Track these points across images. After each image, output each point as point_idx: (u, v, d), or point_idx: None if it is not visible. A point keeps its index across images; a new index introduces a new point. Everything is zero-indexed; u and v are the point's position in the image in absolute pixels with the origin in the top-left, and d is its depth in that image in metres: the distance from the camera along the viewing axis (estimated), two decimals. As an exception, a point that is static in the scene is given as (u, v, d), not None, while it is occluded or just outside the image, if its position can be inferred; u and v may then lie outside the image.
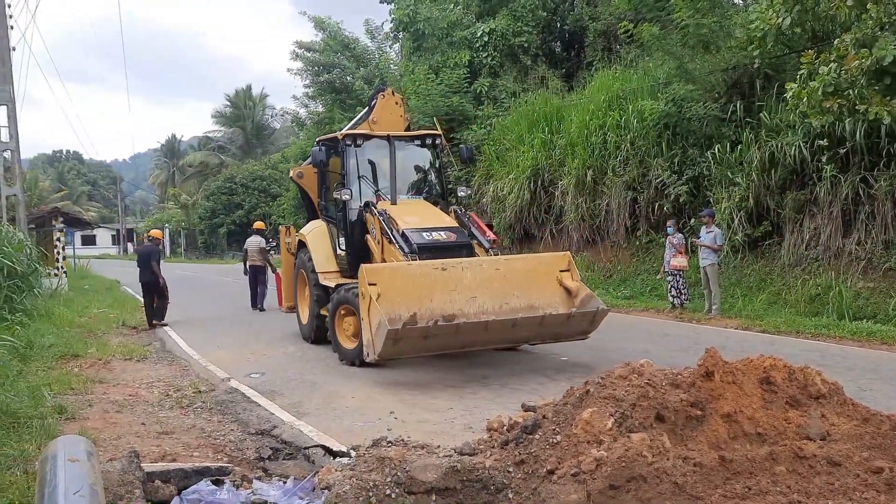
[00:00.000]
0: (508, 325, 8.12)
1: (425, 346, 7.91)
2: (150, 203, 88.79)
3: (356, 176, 10.28)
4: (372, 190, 10.28)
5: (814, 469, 3.83)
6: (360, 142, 10.29)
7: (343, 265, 10.40)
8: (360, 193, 10.19)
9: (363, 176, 10.33)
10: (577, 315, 8.43)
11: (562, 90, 21.05)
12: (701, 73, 14.77)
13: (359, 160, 10.34)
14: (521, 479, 4.24)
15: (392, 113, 11.05)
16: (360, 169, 10.33)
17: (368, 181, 10.37)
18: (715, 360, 4.49)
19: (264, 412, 6.91)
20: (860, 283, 11.76)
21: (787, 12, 11.04)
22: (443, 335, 7.85)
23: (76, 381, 8.14)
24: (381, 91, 11.42)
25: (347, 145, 10.26)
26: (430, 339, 7.80)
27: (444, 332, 7.82)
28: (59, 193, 65.24)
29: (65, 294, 17.97)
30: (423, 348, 8.00)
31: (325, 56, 29.69)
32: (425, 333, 7.71)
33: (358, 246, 9.94)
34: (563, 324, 8.47)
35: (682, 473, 3.82)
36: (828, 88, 10.05)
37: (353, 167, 10.29)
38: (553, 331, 8.56)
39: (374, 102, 11.19)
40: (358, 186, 10.23)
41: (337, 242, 10.58)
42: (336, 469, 4.48)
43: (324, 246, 10.83)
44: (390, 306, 7.82)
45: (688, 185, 14.98)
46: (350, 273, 9.89)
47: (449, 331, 7.85)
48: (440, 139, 10.96)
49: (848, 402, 4.49)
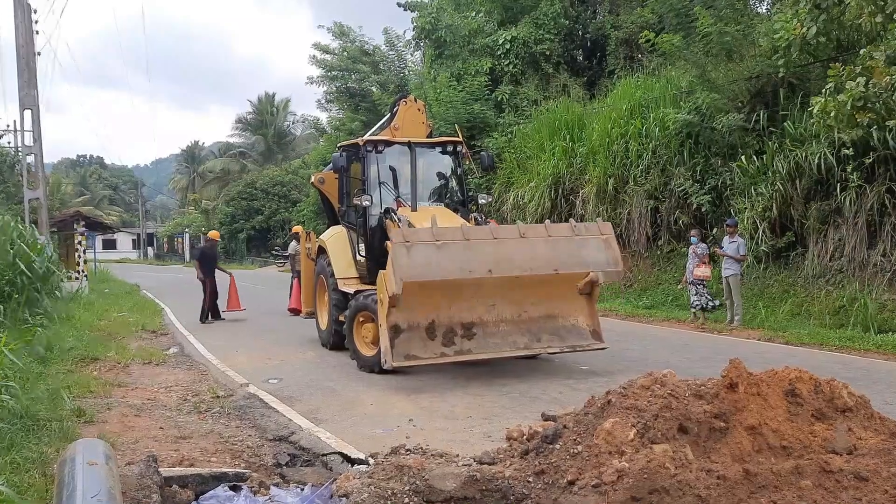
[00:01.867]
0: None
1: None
2: (170, 208, 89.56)
3: (377, 182, 10.23)
4: (392, 196, 10.24)
5: (840, 484, 3.74)
6: (381, 148, 10.27)
7: (363, 271, 10.31)
8: (381, 199, 10.15)
9: (384, 182, 10.28)
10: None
11: (583, 98, 21.00)
12: (724, 81, 14.65)
13: (379, 166, 10.29)
14: (541, 489, 4.18)
15: (414, 119, 11.02)
16: (381, 175, 10.28)
17: (389, 187, 10.32)
18: (739, 371, 4.41)
19: (282, 418, 6.90)
20: (885, 295, 11.56)
21: (813, 21, 10.94)
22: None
23: (95, 384, 8.17)
24: (404, 98, 11.40)
25: (368, 151, 10.24)
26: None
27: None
28: (81, 198, 66.03)
29: (85, 297, 18.11)
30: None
31: (342, 61, 29.85)
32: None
33: (377, 252, 9.81)
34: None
35: (705, 486, 3.74)
36: (857, 102, 9.91)
37: (373, 173, 10.26)
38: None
39: (397, 109, 11.16)
40: (378, 192, 10.18)
41: (357, 248, 10.53)
42: (354, 476, 4.44)
43: (344, 252, 10.78)
44: (409, 313, 7.75)
45: (710, 194, 14.85)
46: (370, 279, 9.86)
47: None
48: (461, 146, 10.93)
49: (875, 416, 4.39)
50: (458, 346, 8.26)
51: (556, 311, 8.60)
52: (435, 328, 8.06)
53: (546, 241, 8.24)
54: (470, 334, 8.36)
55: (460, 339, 8.30)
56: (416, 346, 8.10)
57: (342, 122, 31.58)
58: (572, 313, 8.70)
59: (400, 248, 7.52)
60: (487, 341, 8.39)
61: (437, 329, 8.04)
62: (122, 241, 70.62)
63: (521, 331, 8.55)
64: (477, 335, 8.37)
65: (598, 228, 8.69)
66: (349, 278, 10.47)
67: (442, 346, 8.17)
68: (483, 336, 8.40)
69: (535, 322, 8.54)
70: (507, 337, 8.48)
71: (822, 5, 10.64)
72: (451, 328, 8.26)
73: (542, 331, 8.65)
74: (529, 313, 8.42)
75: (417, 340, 8.13)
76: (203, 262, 15.73)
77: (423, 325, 7.97)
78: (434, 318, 7.94)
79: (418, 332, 8.16)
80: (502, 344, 8.43)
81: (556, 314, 8.59)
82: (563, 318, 8.67)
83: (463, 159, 11.24)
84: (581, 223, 8.96)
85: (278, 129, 61.29)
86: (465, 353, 8.24)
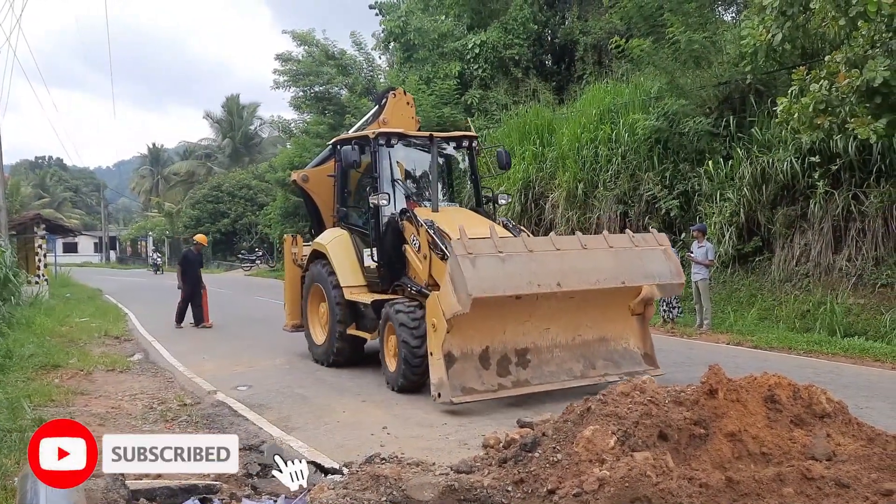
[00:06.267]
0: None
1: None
2: (133, 211, 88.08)
3: (389, 179, 9.36)
4: (404, 195, 9.39)
5: (822, 491, 3.73)
6: (394, 141, 9.37)
7: (372, 278, 9.40)
8: (395, 199, 9.29)
9: (397, 180, 9.43)
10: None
11: (553, 103, 21.09)
12: (692, 87, 14.80)
13: (392, 161, 9.43)
14: (521, 498, 4.11)
15: (404, 114, 10.42)
16: (394, 172, 9.43)
17: (402, 185, 9.48)
18: (719, 378, 4.39)
19: (252, 426, 6.75)
20: (851, 300, 11.75)
21: (778, 28, 11.06)
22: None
23: (57, 392, 7.92)
24: (392, 90, 10.77)
25: (381, 145, 9.30)
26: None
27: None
28: (41, 200, 64.56)
29: (45, 302, 17.67)
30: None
31: (307, 66, 29.62)
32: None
33: (389, 257, 9.01)
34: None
35: (687, 494, 3.70)
36: (819, 105, 10.09)
37: (385, 169, 9.32)
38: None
39: (385, 102, 10.53)
40: (392, 190, 9.29)
41: (364, 253, 9.49)
42: (328, 487, 4.33)
43: (348, 257, 9.70)
44: (462, 339, 7.17)
45: (678, 199, 14.98)
46: (381, 287, 9.10)
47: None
48: (476, 142, 10.20)
49: (853, 422, 4.40)
50: (514, 376, 7.43)
51: (608, 333, 7.96)
52: (489, 355, 7.33)
53: (608, 253, 7.61)
54: (525, 362, 7.53)
55: (515, 368, 7.47)
56: (470, 376, 7.24)
57: (309, 124, 31.34)
58: (624, 335, 8.07)
59: (464, 260, 6.78)
60: (542, 369, 7.57)
61: (491, 357, 7.32)
62: (83, 245, 69.32)
63: (575, 356, 7.77)
64: (532, 362, 7.55)
65: (654, 239, 8.07)
66: (356, 286, 9.50)
67: (497, 375, 7.35)
68: (538, 364, 7.59)
69: (588, 346, 7.85)
70: (562, 364, 7.68)
71: (787, 12, 10.77)
72: (505, 355, 7.47)
73: (597, 356, 7.91)
74: (584, 336, 7.76)
75: (472, 371, 7.28)
76: (184, 267, 15.12)
77: (476, 353, 7.26)
78: (488, 345, 7.26)
79: (472, 361, 7.32)
80: (558, 372, 7.61)
81: (608, 337, 7.95)
82: (615, 342, 8.01)
83: (477, 156, 10.44)
84: (637, 234, 8.23)
85: (245, 132, 60.66)
86: (522, 385, 7.39)
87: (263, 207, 42.12)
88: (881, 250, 11.77)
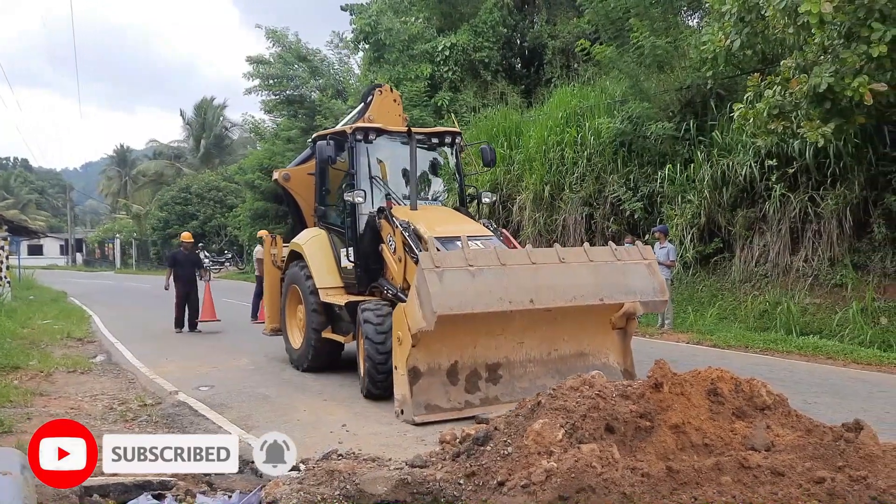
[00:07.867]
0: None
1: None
2: (100, 213, 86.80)
3: (367, 176, 9.04)
4: (382, 193, 9.09)
5: (758, 479, 3.86)
6: (373, 137, 9.03)
7: (349, 279, 9.06)
8: (373, 196, 8.98)
9: (375, 176, 9.11)
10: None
11: (521, 106, 21.27)
12: (656, 91, 15.05)
13: (370, 158, 9.12)
14: (472, 490, 4.21)
15: (390, 111, 10.14)
16: (373, 168, 9.11)
17: (379, 182, 9.14)
18: (664, 372, 4.53)
19: (212, 425, 6.75)
20: (807, 300, 12.04)
21: (737, 35, 11.32)
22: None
23: (15, 393, 7.83)
24: (379, 87, 10.51)
25: (358, 140, 8.99)
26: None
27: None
28: (5, 202, 63.36)
29: (7, 305, 17.39)
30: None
31: (278, 68, 29.48)
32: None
33: (367, 257, 8.72)
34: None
35: (630, 484, 3.82)
36: (773, 111, 10.35)
37: (363, 166, 9.03)
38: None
39: (371, 99, 10.25)
40: (370, 188, 8.98)
41: (341, 253, 9.21)
42: (283, 483, 4.38)
43: (325, 257, 9.43)
44: (429, 353, 6.85)
45: (643, 201, 15.21)
46: (358, 289, 8.77)
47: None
48: (460, 138, 9.81)
49: (792, 414, 4.56)
50: (483, 393, 7.07)
51: (587, 348, 7.62)
52: (458, 371, 6.98)
53: (588, 267, 7.20)
54: (495, 377, 7.17)
55: (485, 384, 7.11)
56: (436, 393, 6.87)
57: (280, 128, 31.19)
58: (603, 350, 7.74)
59: (430, 274, 6.41)
60: (514, 385, 7.18)
61: (459, 372, 6.96)
62: (49, 247, 68.11)
63: (549, 372, 7.36)
64: (503, 378, 7.20)
65: (639, 253, 7.65)
66: (332, 288, 9.16)
67: (465, 392, 6.99)
68: (510, 379, 7.22)
69: (565, 361, 7.47)
70: (535, 380, 7.25)
71: (745, 18, 11.03)
72: (474, 370, 7.11)
73: (573, 372, 7.35)
74: (560, 351, 7.42)
75: (438, 387, 6.91)
76: (176, 267, 14.56)
77: (444, 368, 6.91)
78: (457, 359, 6.92)
79: (439, 377, 6.95)
80: (531, 388, 7.00)
81: (586, 352, 7.60)
82: (594, 357, 7.67)
83: (461, 153, 10.10)
84: (620, 246, 7.90)
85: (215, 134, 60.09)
86: (490, 402, 6.99)
87: (233, 209, 41.76)
88: (836, 251, 12.08)
